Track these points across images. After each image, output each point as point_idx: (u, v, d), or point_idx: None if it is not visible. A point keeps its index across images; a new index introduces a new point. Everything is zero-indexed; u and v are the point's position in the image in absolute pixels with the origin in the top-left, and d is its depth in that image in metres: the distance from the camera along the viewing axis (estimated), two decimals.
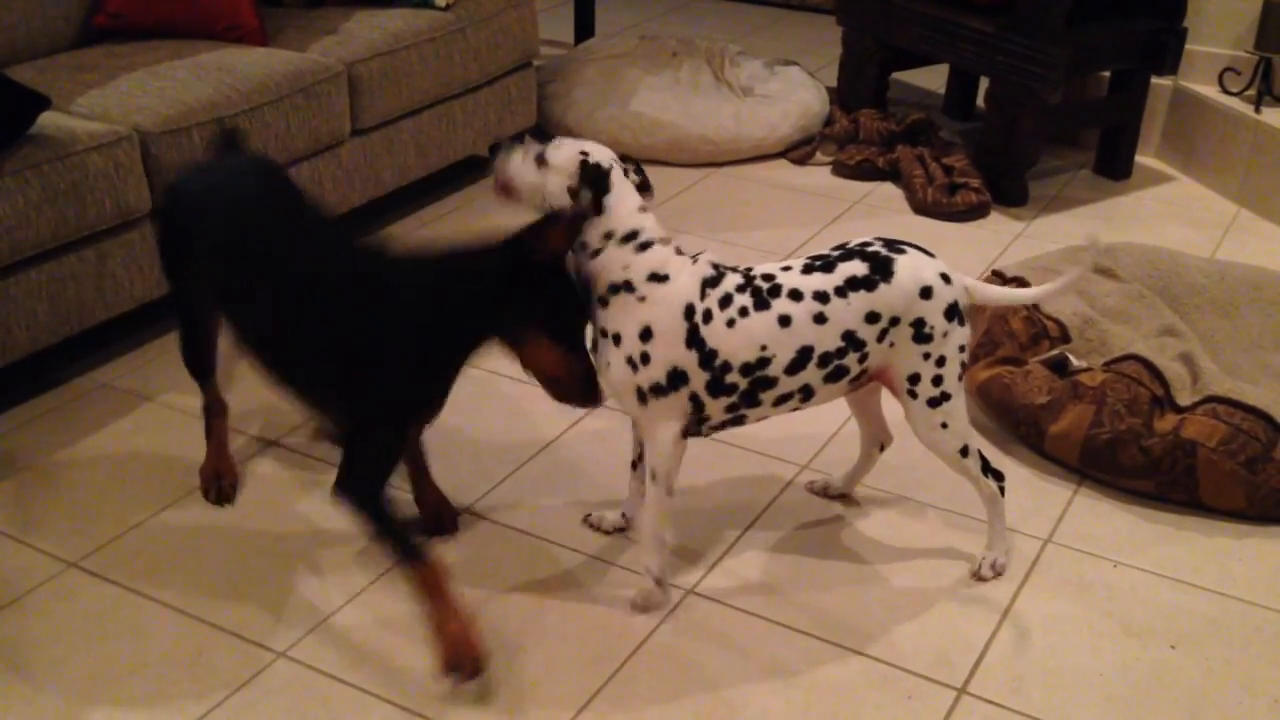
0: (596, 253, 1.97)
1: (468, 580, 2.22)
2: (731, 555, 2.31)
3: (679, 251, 2.02)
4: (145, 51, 3.12)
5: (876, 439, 2.37)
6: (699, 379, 1.98)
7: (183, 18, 3.24)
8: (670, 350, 1.96)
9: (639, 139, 4.09)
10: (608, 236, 1.96)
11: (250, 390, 2.79)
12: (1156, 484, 2.44)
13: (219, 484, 2.44)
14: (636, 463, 2.26)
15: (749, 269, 2.04)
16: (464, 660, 1.90)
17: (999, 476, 2.21)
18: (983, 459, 2.18)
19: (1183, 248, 3.38)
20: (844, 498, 2.46)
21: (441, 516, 2.36)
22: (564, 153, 1.97)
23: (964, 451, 2.13)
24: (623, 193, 1.98)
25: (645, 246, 1.98)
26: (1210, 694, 2.01)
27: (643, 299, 1.96)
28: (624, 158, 2.05)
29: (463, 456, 2.58)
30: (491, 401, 2.78)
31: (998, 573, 2.24)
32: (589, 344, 2.03)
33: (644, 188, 2.05)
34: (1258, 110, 3.83)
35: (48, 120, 2.64)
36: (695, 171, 4.09)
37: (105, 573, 2.23)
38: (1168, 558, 2.32)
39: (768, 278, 2.01)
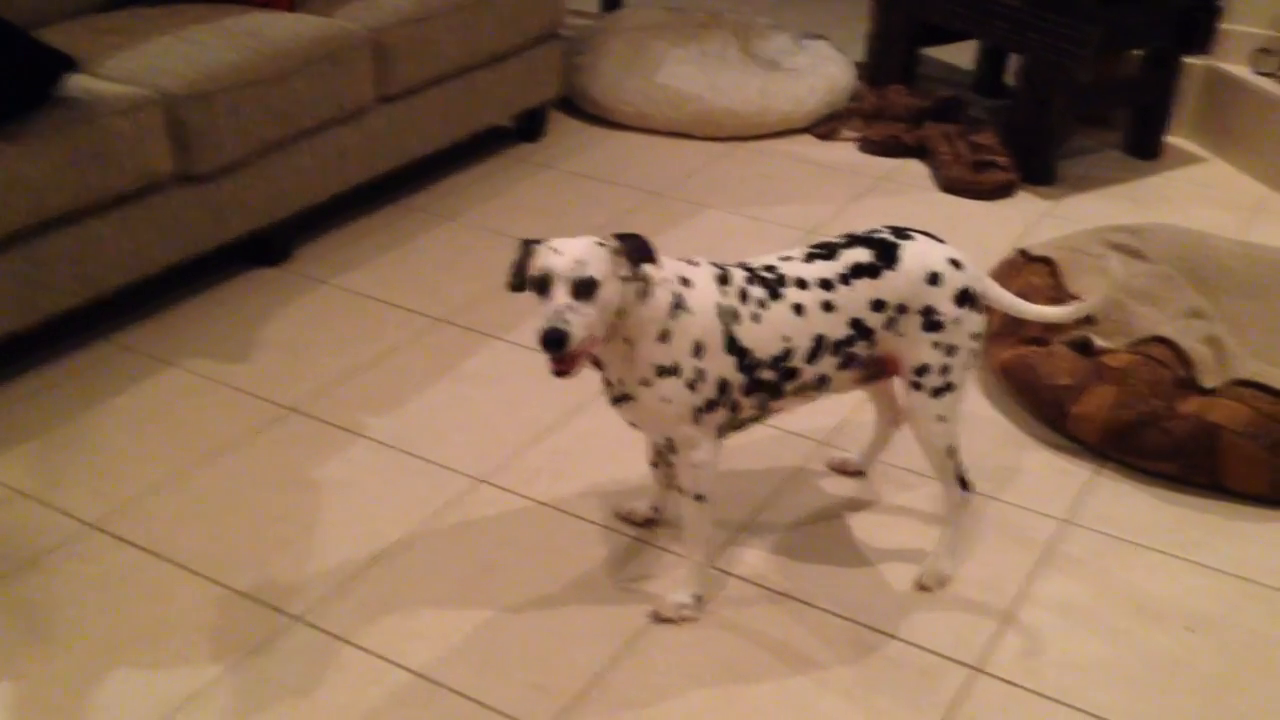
0: (643, 291, 1.83)
1: (486, 548, 2.23)
2: (749, 531, 2.30)
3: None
4: (172, 15, 3.12)
5: (891, 415, 2.35)
6: (737, 382, 1.93)
7: None
8: (715, 360, 1.89)
9: (664, 111, 4.07)
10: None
11: (270, 355, 2.80)
12: (1179, 466, 2.42)
13: None
14: (656, 461, 2.24)
15: (744, 263, 1.98)
16: None
17: (968, 487, 2.14)
18: (959, 467, 2.12)
19: (1212, 229, 3.34)
20: (861, 474, 2.45)
21: None
22: (597, 261, 1.75)
23: (950, 451, 2.08)
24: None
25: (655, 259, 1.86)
26: (1227, 677, 2.00)
27: (690, 312, 1.87)
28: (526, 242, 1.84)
29: (482, 426, 2.59)
30: (511, 371, 2.78)
31: (941, 583, 2.16)
32: (614, 399, 1.93)
33: None
34: None
35: (74, 83, 2.64)
36: (720, 145, 4.07)
37: (125, 534, 2.24)
38: (1187, 540, 2.31)
39: (769, 269, 1.96)
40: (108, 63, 2.84)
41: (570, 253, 1.75)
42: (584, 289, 1.74)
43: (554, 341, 1.71)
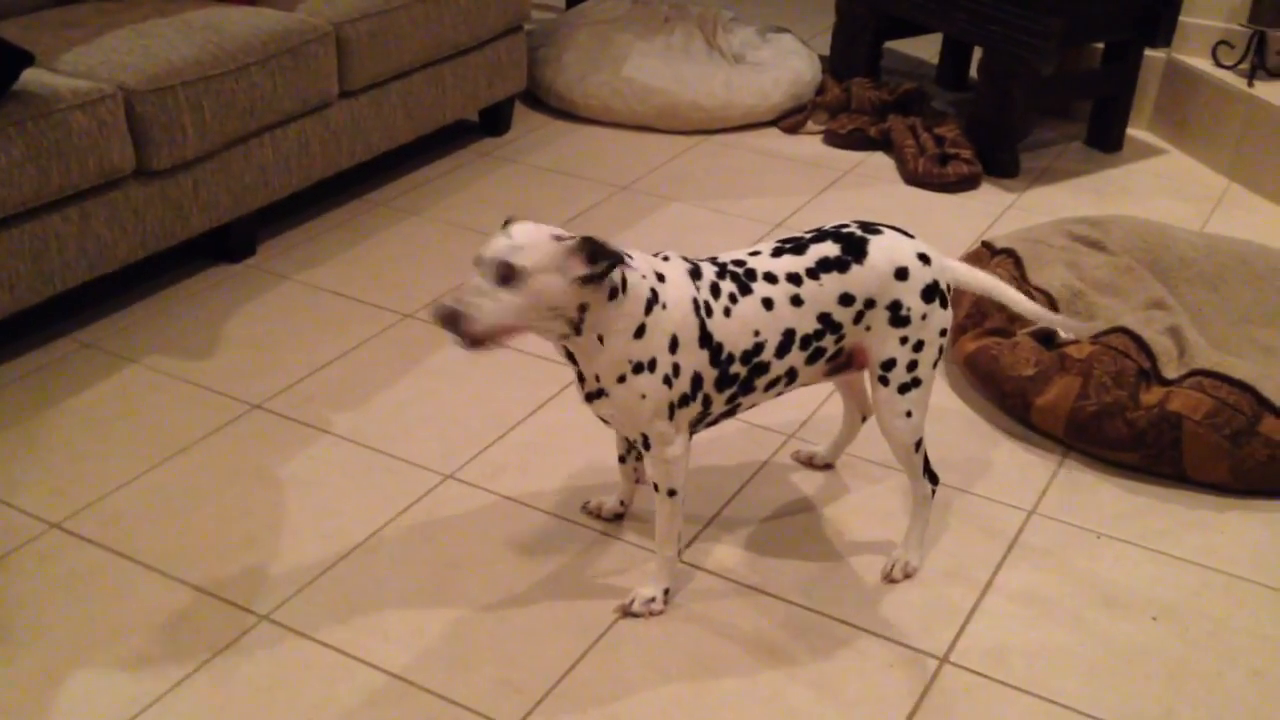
0: (624, 284, 1.82)
1: (453, 545, 2.22)
2: (717, 524, 2.30)
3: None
4: (131, 9, 3.08)
5: (858, 409, 2.36)
6: (710, 377, 1.92)
7: None
8: (689, 355, 1.88)
9: (630, 105, 4.06)
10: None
11: (233, 352, 2.78)
12: (1142, 456, 2.44)
13: None
14: (624, 456, 2.23)
15: (714, 258, 1.97)
16: None
17: (935, 479, 2.16)
18: (925, 461, 2.13)
19: (1173, 221, 3.38)
20: (828, 467, 2.46)
21: None
22: (535, 249, 1.71)
23: (917, 445, 2.09)
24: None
25: (630, 255, 1.85)
26: (1190, 665, 2.02)
27: (664, 307, 1.86)
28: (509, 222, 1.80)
29: (449, 421, 2.57)
30: (477, 366, 2.77)
31: (908, 575, 2.17)
32: (587, 395, 1.91)
33: None
34: (1250, 84, 3.82)
35: (31, 77, 2.61)
36: (686, 139, 4.06)
37: (87, 534, 2.22)
38: (1151, 530, 2.33)
39: (739, 263, 1.95)
40: (66, 57, 2.80)
41: (510, 239, 1.73)
42: (504, 275, 1.71)
43: (442, 318, 1.70)
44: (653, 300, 1.85)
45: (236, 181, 3.05)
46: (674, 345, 1.87)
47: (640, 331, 1.85)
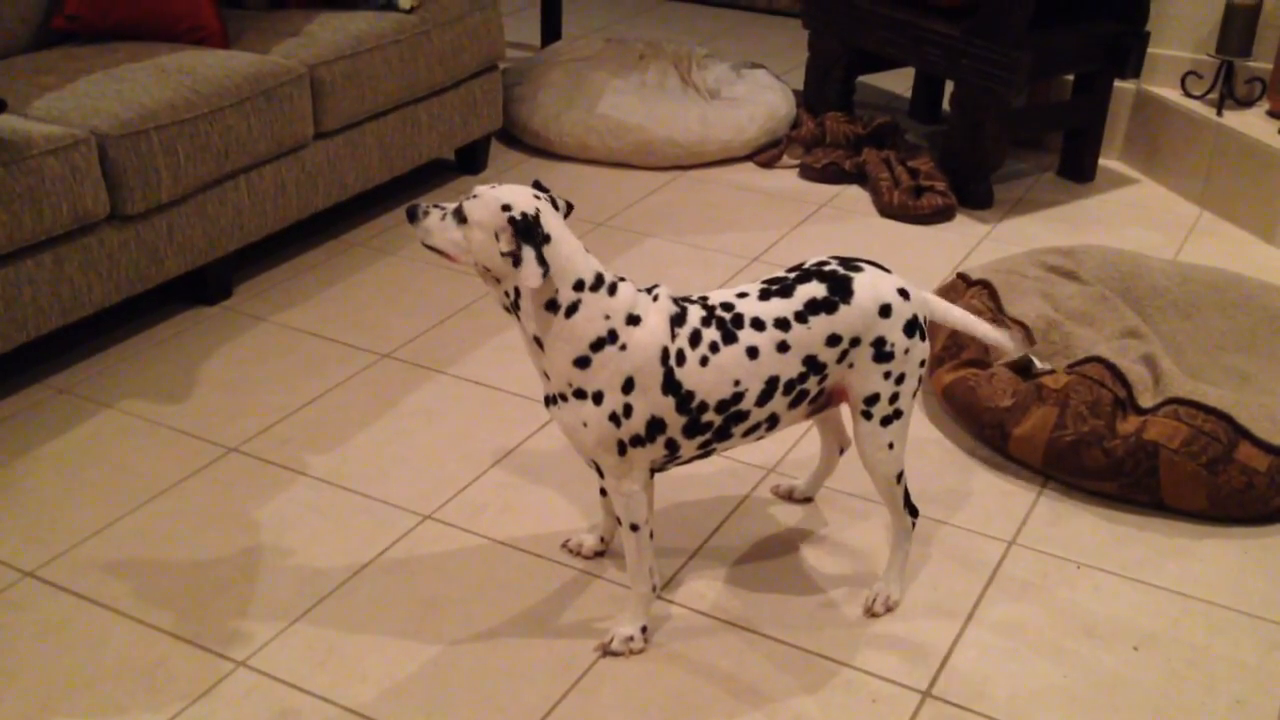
0: (572, 308, 1.85)
1: (432, 586, 2.21)
2: (696, 560, 2.30)
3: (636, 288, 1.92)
4: (104, 54, 3.09)
5: (836, 441, 2.36)
6: (676, 423, 1.91)
7: (143, 20, 3.21)
8: (649, 399, 1.87)
9: (605, 142, 4.08)
10: (579, 287, 1.85)
11: (209, 395, 2.77)
12: (1119, 485, 2.45)
13: None
14: (605, 489, 2.22)
15: (705, 298, 1.97)
16: None
17: (915, 512, 2.15)
18: (905, 493, 2.13)
19: (1145, 250, 3.41)
20: (808, 501, 2.46)
21: None
22: (483, 207, 1.81)
23: (899, 477, 2.09)
24: (564, 234, 1.86)
25: (614, 289, 1.87)
26: (1172, 694, 2.02)
27: (624, 347, 1.86)
28: (535, 185, 1.91)
29: (427, 461, 2.56)
30: (454, 406, 2.76)
31: (889, 608, 2.17)
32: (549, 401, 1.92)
33: (567, 213, 1.92)
34: (1219, 113, 3.86)
35: (3, 123, 2.60)
36: (662, 175, 4.08)
37: (61, 582, 2.20)
38: (1130, 559, 2.33)
39: (727, 307, 1.94)
40: (38, 103, 2.80)
41: (489, 190, 1.85)
42: (458, 214, 1.84)
43: (407, 211, 1.88)
44: (606, 340, 1.85)
45: (212, 224, 3.04)
46: (628, 386, 1.86)
47: (583, 363, 1.85)
